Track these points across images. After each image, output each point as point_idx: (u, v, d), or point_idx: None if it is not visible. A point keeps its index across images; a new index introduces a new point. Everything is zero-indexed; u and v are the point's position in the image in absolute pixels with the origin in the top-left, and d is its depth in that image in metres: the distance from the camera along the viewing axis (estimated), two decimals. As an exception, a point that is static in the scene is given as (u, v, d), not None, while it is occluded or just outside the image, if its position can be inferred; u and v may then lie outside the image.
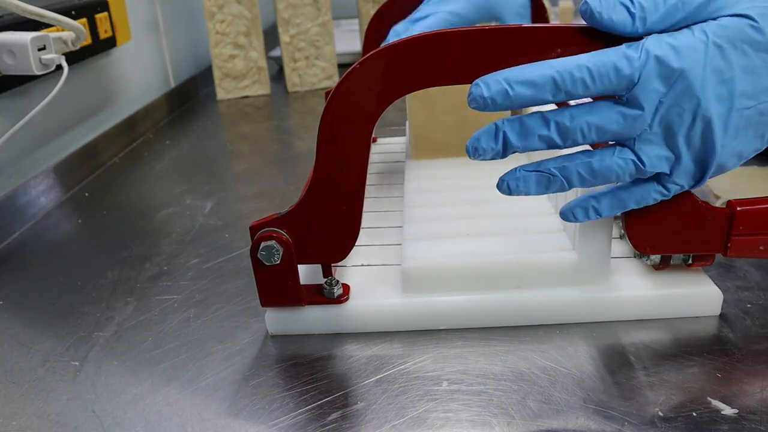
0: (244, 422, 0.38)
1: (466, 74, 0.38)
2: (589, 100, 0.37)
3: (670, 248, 0.43)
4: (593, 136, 0.36)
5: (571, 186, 0.38)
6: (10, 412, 0.41)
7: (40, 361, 0.45)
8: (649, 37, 0.35)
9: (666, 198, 0.39)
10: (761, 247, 0.42)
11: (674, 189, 0.38)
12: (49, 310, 0.52)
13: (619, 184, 0.39)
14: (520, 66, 0.36)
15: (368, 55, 0.38)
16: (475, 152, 0.37)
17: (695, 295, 0.45)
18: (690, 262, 0.45)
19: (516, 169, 0.38)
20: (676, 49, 0.34)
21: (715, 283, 0.45)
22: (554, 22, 1.05)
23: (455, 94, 0.63)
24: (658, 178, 0.38)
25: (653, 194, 0.39)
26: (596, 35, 0.37)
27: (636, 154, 0.37)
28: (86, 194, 0.77)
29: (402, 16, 0.72)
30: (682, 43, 0.34)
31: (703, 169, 0.37)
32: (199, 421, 0.39)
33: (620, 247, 0.50)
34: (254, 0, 1.12)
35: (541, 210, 0.52)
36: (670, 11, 0.35)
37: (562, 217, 0.41)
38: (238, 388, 0.41)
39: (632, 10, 0.35)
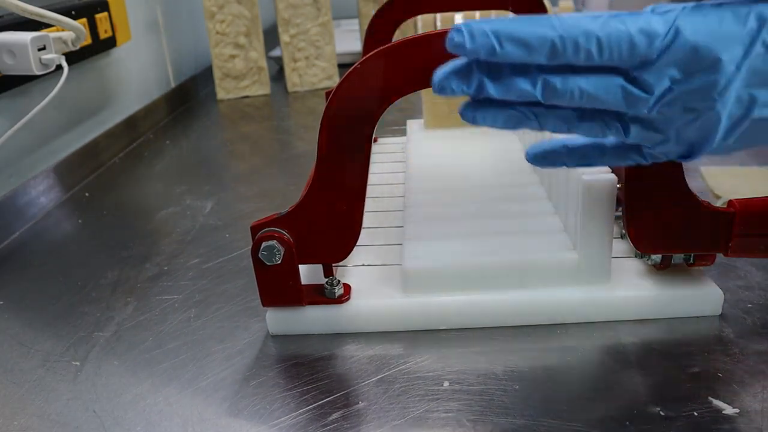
0: (244, 422, 0.38)
1: (467, 74, 0.38)
2: None
3: (671, 248, 0.43)
4: (582, 102, 0.31)
5: (542, 129, 0.34)
6: (11, 412, 0.41)
7: (40, 361, 0.45)
8: (687, 10, 0.29)
9: (643, 163, 0.35)
10: (762, 247, 0.42)
11: (653, 160, 0.35)
12: (49, 310, 0.52)
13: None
14: (518, 19, 0.30)
15: (369, 55, 0.38)
16: (441, 90, 0.31)
17: (696, 295, 0.45)
18: (691, 261, 0.45)
19: (489, 107, 0.33)
20: (717, 39, 0.29)
21: (716, 283, 0.45)
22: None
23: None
24: (639, 147, 0.35)
25: (630, 160, 0.35)
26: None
27: (623, 124, 0.33)
28: (86, 194, 0.77)
29: (402, 16, 0.72)
30: (726, 30, 0.29)
31: (690, 153, 0.33)
32: (199, 421, 0.38)
33: (621, 247, 0.50)
34: (254, 0, 1.12)
35: (541, 210, 0.52)
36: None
37: (527, 160, 0.37)
38: (238, 388, 0.41)
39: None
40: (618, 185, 0.42)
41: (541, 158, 0.37)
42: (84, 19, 0.81)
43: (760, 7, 0.29)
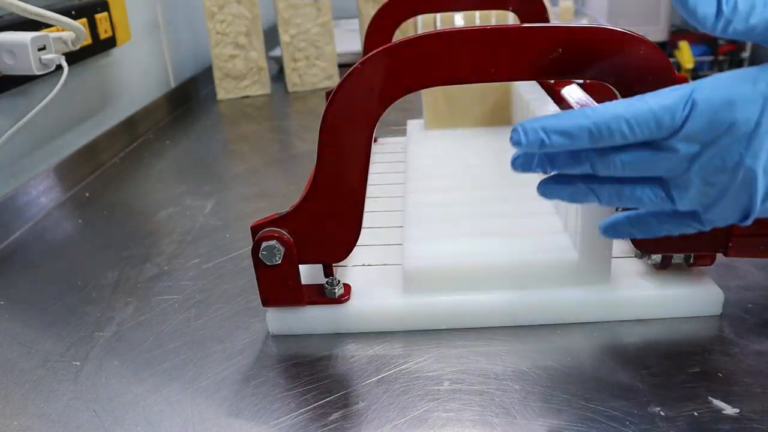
0: (245, 422, 0.38)
1: (467, 74, 0.39)
2: None
3: (672, 248, 0.43)
4: (626, 172, 0.35)
5: (601, 204, 0.37)
6: (11, 412, 0.41)
7: (40, 361, 0.45)
8: (701, 84, 0.33)
9: (703, 230, 0.37)
10: (762, 247, 0.42)
11: (711, 225, 0.37)
12: (50, 310, 0.52)
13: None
14: (558, 114, 0.35)
15: (369, 55, 0.38)
16: (514, 167, 0.37)
17: (696, 295, 0.45)
18: (691, 261, 0.45)
19: (552, 177, 0.38)
20: (731, 103, 0.32)
21: (716, 283, 0.45)
22: (554, 22, 1.05)
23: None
24: (695, 214, 0.37)
25: (687, 228, 0.37)
26: (597, 36, 0.37)
27: (668, 192, 0.36)
28: (86, 194, 0.77)
29: (402, 16, 0.72)
30: (739, 95, 0.32)
31: (745, 214, 0.35)
32: (200, 421, 0.38)
33: (621, 247, 0.50)
34: (254, 0, 1.12)
35: (541, 210, 0.52)
36: (761, 26, 0.32)
37: (601, 232, 0.39)
38: (239, 388, 0.41)
39: (722, 8, 0.32)
40: None
41: (611, 230, 0.39)
42: (84, 19, 0.81)
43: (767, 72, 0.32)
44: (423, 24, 1.12)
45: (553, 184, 0.38)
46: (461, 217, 0.52)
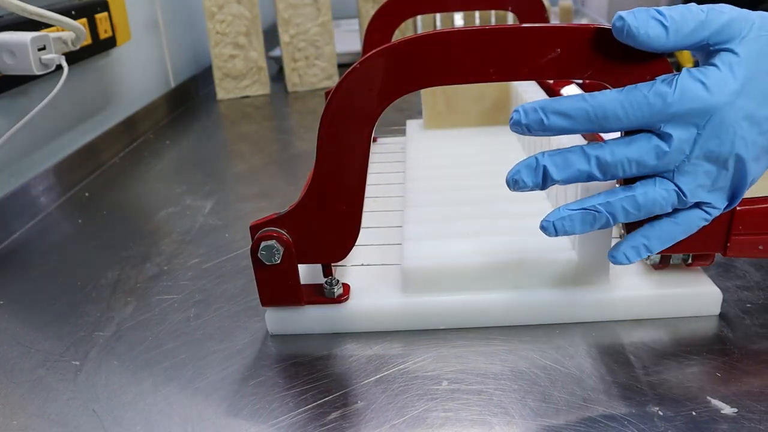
0: (244, 422, 0.38)
1: (466, 74, 0.39)
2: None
3: (670, 248, 0.43)
4: (633, 170, 0.37)
5: (616, 221, 0.38)
6: (10, 411, 0.41)
7: (40, 360, 0.45)
8: (682, 72, 0.35)
9: (707, 223, 0.39)
10: (761, 247, 0.42)
11: (714, 213, 0.39)
12: (49, 310, 0.52)
13: (662, 217, 0.39)
14: (558, 97, 0.37)
15: (368, 54, 0.38)
16: (515, 184, 0.38)
17: (695, 295, 0.45)
18: (689, 261, 0.45)
19: (560, 208, 0.39)
20: (708, 85, 0.35)
21: (715, 283, 0.45)
22: (554, 21, 1.05)
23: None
24: (698, 204, 0.38)
25: (697, 221, 0.39)
26: (596, 36, 0.37)
27: (676, 185, 0.37)
28: (86, 194, 0.77)
29: (402, 16, 0.72)
30: (713, 79, 0.35)
31: (736, 191, 0.38)
32: (199, 421, 0.39)
33: (620, 247, 0.50)
34: (254, 0, 1.12)
35: (541, 210, 0.52)
36: (698, 28, 0.35)
37: (613, 261, 0.40)
38: (238, 388, 0.41)
39: (665, 23, 0.35)
40: (616, 185, 0.42)
41: (625, 254, 0.40)
42: (84, 19, 0.81)
43: (728, 58, 0.35)
44: (423, 24, 1.12)
45: (560, 213, 0.38)
46: (460, 217, 0.52)
